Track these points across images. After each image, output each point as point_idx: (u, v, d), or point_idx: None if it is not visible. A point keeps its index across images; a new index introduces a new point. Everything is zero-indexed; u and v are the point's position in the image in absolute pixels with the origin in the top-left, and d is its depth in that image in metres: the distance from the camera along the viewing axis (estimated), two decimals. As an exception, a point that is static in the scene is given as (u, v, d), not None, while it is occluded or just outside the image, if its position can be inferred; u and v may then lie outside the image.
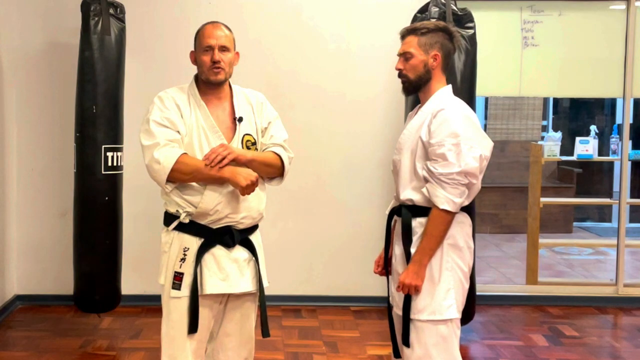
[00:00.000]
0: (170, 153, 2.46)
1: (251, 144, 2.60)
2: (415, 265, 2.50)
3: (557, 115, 9.32)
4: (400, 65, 2.62)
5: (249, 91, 2.71)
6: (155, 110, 2.54)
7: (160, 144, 2.47)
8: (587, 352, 4.05)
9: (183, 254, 2.53)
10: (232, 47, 2.62)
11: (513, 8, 4.76)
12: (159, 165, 2.45)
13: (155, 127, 2.50)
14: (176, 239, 2.56)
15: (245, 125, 2.60)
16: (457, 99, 2.61)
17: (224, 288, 2.56)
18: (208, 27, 2.62)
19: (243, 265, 2.60)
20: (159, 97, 2.59)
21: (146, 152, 2.50)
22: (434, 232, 2.48)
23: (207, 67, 2.56)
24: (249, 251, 2.62)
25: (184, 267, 2.52)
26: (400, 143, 2.63)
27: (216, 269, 2.54)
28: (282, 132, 2.71)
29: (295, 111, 4.71)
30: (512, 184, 7.92)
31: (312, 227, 4.81)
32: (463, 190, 2.46)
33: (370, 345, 4.04)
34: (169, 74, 4.57)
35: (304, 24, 4.72)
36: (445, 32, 2.60)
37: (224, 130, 2.58)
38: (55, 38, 4.61)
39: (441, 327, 2.53)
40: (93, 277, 3.97)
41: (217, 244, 2.55)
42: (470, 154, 2.44)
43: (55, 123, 4.64)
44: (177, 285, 2.53)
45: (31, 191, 4.70)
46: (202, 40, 2.59)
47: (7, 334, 4.24)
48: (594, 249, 6.97)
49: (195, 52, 2.63)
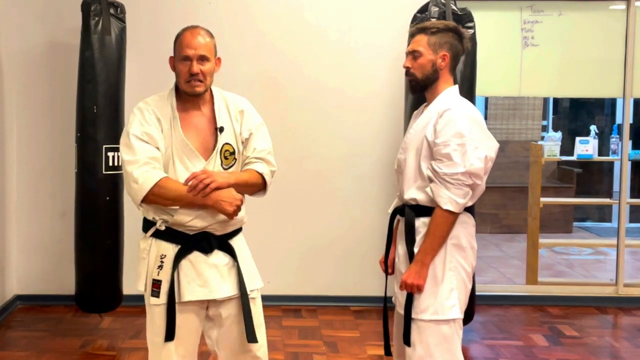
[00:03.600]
0: (150, 174, 2.38)
1: (229, 154, 2.52)
2: (418, 265, 2.50)
3: (557, 115, 9.33)
4: (408, 63, 2.61)
5: (230, 97, 2.60)
6: (136, 124, 2.45)
7: (140, 162, 2.39)
8: (587, 352, 4.05)
9: (160, 260, 2.48)
10: (213, 55, 2.50)
11: (513, 8, 4.77)
12: (137, 184, 2.38)
13: (135, 141, 2.41)
14: (154, 246, 2.51)
15: (225, 134, 2.51)
16: (464, 99, 2.61)
17: (203, 294, 2.49)
18: (186, 34, 2.49)
19: (224, 270, 2.52)
20: (139, 109, 2.49)
21: (125, 167, 2.43)
22: (437, 232, 2.48)
23: (185, 79, 2.46)
24: (229, 256, 2.54)
25: (162, 274, 2.47)
26: (405, 142, 2.63)
27: (194, 275, 2.48)
28: (265, 143, 2.60)
29: (296, 107, 4.72)
30: (512, 184, 7.92)
31: (312, 227, 4.80)
32: (467, 191, 2.45)
33: (370, 345, 4.05)
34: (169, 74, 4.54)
35: (305, 22, 4.72)
36: (455, 33, 2.59)
37: (202, 141, 2.49)
38: (56, 38, 4.61)
39: (444, 327, 2.53)
40: (94, 277, 3.98)
41: (194, 250, 2.48)
42: (475, 155, 2.44)
43: (56, 123, 4.64)
44: (156, 293, 2.48)
45: (31, 191, 4.70)
46: (179, 49, 2.48)
47: (7, 334, 4.24)
48: (594, 249, 6.97)
49: (175, 60, 2.52)
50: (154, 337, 2.52)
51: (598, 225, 8.33)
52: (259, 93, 4.49)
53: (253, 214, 2.67)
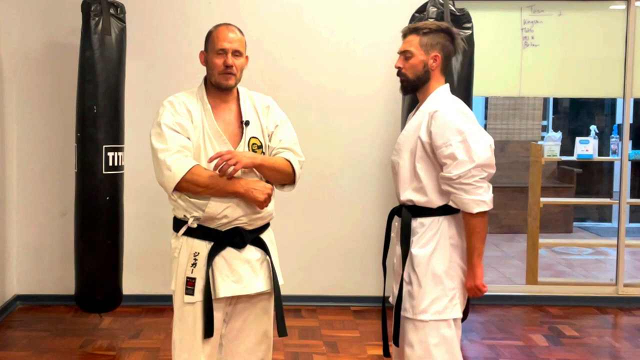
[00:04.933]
0: (183, 162, 2.42)
1: (257, 147, 2.56)
2: (471, 269, 2.52)
3: (557, 115, 9.33)
4: (399, 63, 2.62)
5: (255, 94, 2.67)
6: (167, 114, 2.48)
7: (172, 150, 2.43)
8: (587, 352, 4.05)
9: (194, 259, 2.50)
10: (244, 51, 2.58)
11: (513, 8, 4.77)
12: (170, 172, 2.41)
13: (167, 130, 2.45)
14: (185, 244, 2.53)
15: (252, 128, 2.57)
16: (453, 97, 2.61)
17: (237, 290, 2.53)
18: (222, 29, 2.55)
19: (256, 265, 2.57)
20: (170, 102, 2.52)
21: (158, 155, 2.45)
22: (478, 234, 2.48)
23: (219, 71, 2.51)
24: (261, 250, 2.59)
25: (196, 272, 2.50)
26: (399, 144, 2.63)
27: (228, 271, 2.52)
28: (290, 135, 2.64)
29: (295, 109, 4.65)
30: (512, 184, 7.92)
31: (312, 227, 4.81)
32: (487, 185, 2.45)
33: (370, 345, 4.05)
34: (169, 73, 4.59)
35: (304, 23, 4.72)
36: (447, 34, 2.59)
37: (231, 133, 2.54)
38: (56, 38, 4.61)
39: (444, 327, 2.53)
40: (94, 277, 3.97)
41: (227, 246, 2.52)
42: (479, 146, 2.43)
43: (56, 123, 4.64)
44: (190, 291, 2.50)
45: (31, 191, 4.70)
46: (215, 43, 2.52)
47: (7, 334, 4.24)
48: (594, 249, 6.97)
49: (206, 53, 2.57)
50: (184, 335, 2.54)
51: (598, 225, 8.33)
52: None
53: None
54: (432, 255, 2.54)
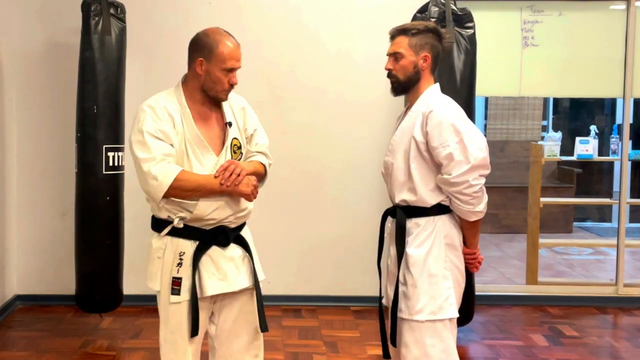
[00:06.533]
0: (168, 170, 2.40)
1: (237, 148, 2.59)
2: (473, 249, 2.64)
3: (557, 115, 9.32)
4: (390, 65, 2.63)
5: (231, 95, 2.63)
6: (148, 121, 2.43)
7: (157, 158, 2.40)
8: (587, 352, 4.05)
9: (179, 258, 2.50)
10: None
11: (513, 8, 4.77)
12: (156, 181, 2.40)
13: (150, 138, 2.41)
14: (170, 244, 2.52)
15: (233, 129, 2.59)
16: (445, 97, 2.62)
17: (223, 287, 2.55)
18: (232, 47, 2.48)
19: (239, 262, 2.59)
20: (150, 106, 2.47)
21: (141, 165, 2.43)
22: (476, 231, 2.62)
23: (223, 89, 2.50)
24: (241, 247, 2.61)
25: (182, 271, 2.50)
26: (392, 145, 2.64)
27: (214, 269, 2.53)
28: (265, 139, 2.72)
29: (295, 112, 4.72)
30: (512, 184, 7.92)
31: (312, 227, 4.80)
32: (481, 195, 2.49)
33: (370, 345, 4.05)
34: (169, 73, 4.53)
35: (304, 26, 4.72)
36: (435, 33, 2.61)
37: (212, 136, 2.54)
38: (55, 38, 4.61)
39: (440, 327, 2.53)
40: (94, 277, 3.98)
41: (213, 244, 2.53)
42: (475, 146, 2.45)
43: (56, 123, 4.64)
44: (177, 291, 2.50)
45: (31, 191, 4.70)
46: (224, 60, 2.46)
47: (7, 334, 4.24)
48: (594, 249, 6.97)
49: (208, 64, 2.48)
50: (169, 335, 2.55)
51: (598, 225, 8.33)
52: (258, 95, 4.48)
53: (254, 214, 2.68)
54: (427, 255, 2.54)
